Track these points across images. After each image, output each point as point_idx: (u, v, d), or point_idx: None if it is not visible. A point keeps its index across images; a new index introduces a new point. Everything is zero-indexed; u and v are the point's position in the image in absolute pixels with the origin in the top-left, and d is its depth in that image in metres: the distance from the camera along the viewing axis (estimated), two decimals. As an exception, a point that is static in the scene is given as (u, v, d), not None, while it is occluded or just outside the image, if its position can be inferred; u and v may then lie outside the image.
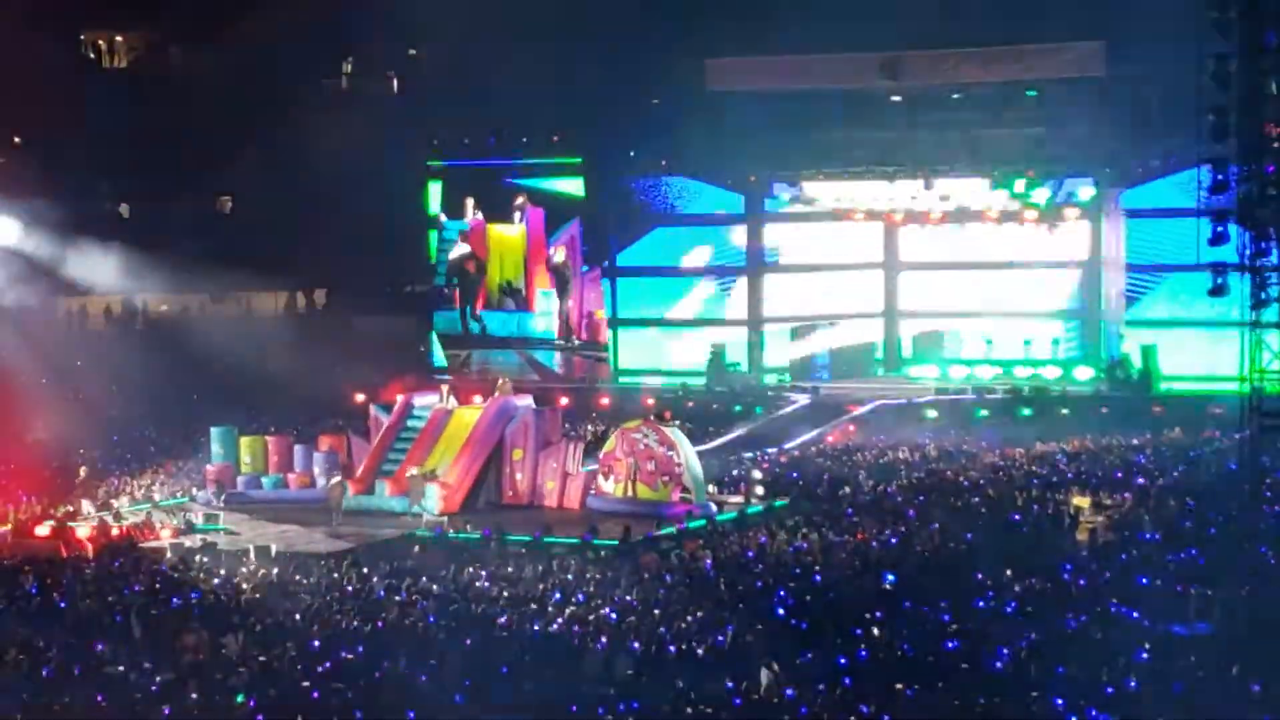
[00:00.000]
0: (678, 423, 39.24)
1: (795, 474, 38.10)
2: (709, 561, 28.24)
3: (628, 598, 25.03)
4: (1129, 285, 50.85)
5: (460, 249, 51.62)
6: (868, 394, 49.31)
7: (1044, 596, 24.55)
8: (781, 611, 23.76)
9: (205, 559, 29.48)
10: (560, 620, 23.58)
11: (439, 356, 52.72)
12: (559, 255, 52.18)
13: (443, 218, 53.17)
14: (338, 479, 36.73)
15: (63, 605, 25.13)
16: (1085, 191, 50.73)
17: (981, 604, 23.88)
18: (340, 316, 53.76)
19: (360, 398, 42.48)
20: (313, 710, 19.54)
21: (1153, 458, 39.06)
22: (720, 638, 22.35)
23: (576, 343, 52.22)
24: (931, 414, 46.63)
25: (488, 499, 37.53)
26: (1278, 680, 19.44)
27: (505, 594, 25.54)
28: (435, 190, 55.09)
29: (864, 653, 21.33)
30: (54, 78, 51.17)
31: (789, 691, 19.69)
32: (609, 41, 49.47)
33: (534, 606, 24.48)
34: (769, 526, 31.79)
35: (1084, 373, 51.37)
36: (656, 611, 23.96)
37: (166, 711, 19.55)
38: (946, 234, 53.97)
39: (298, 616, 24.09)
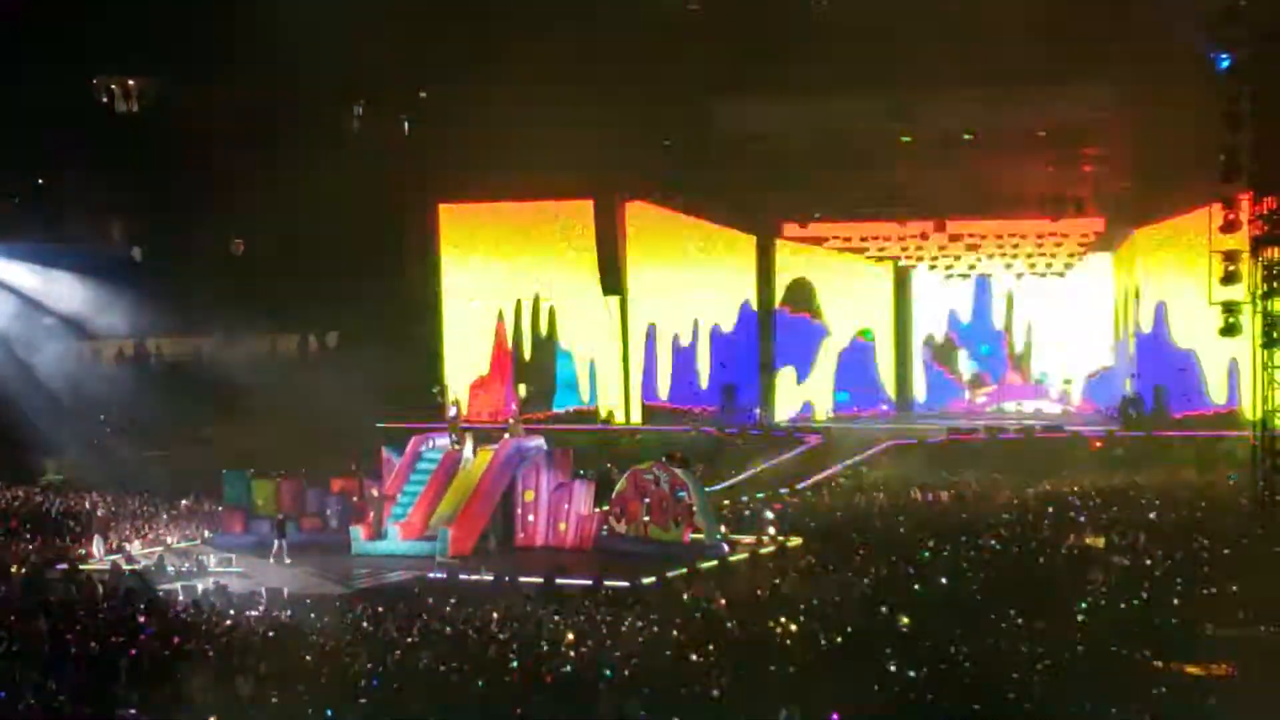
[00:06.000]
0: (693, 465, 39.24)
1: (807, 514, 38.04)
2: (721, 602, 28.16)
3: (639, 639, 24.94)
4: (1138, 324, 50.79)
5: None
6: (881, 434, 49.33)
7: (1057, 636, 24.42)
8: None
9: (217, 601, 29.43)
10: (572, 662, 23.49)
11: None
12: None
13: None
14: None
15: (74, 649, 25.03)
16: (1096, 231, 50.73)
17: (995, 644, 23.77)
18: (352, 358, 53.78)
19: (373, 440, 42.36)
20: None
21: (1166, 496, 38.98)
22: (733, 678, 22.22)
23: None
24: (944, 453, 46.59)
25: (499, 541, 37.52)
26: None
27: (517, 636, 25.48)
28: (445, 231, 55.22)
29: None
30: (65, 121, 51.31)
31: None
32: (618, 84, 49.45)
33: (545, 648, 24.41)
34: (781, 566, 31.72)
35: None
36: (668, 652, 23.87)
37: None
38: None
39: (309, 658, 24.02)
